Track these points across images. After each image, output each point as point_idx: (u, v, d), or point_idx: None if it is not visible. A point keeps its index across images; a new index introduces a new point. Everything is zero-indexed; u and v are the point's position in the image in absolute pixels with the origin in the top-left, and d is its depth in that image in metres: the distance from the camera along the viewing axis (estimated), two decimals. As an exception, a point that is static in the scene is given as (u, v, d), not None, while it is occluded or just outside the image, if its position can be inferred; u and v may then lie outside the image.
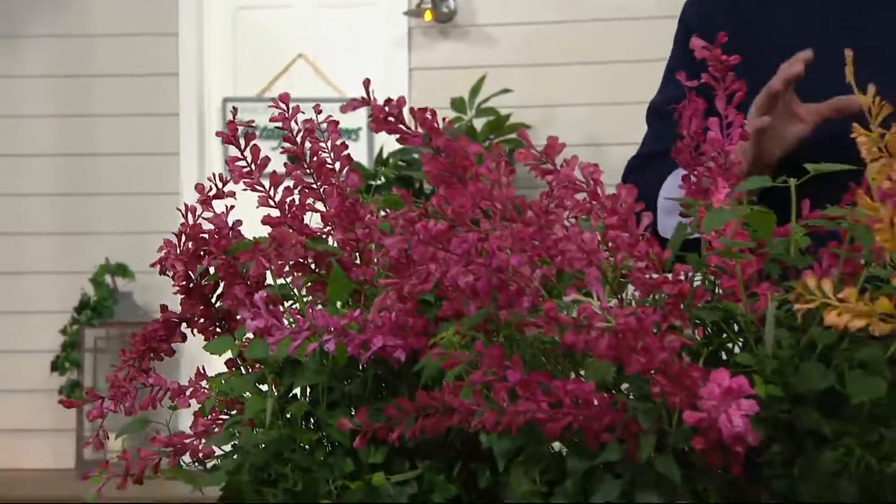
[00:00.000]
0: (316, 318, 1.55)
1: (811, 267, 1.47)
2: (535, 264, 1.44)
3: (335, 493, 1.69)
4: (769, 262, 1.51)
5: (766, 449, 1.41)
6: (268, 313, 1.55)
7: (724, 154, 1.55)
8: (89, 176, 8.79)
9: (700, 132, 1.59)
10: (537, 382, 1.42)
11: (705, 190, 1.58)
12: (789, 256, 1.50)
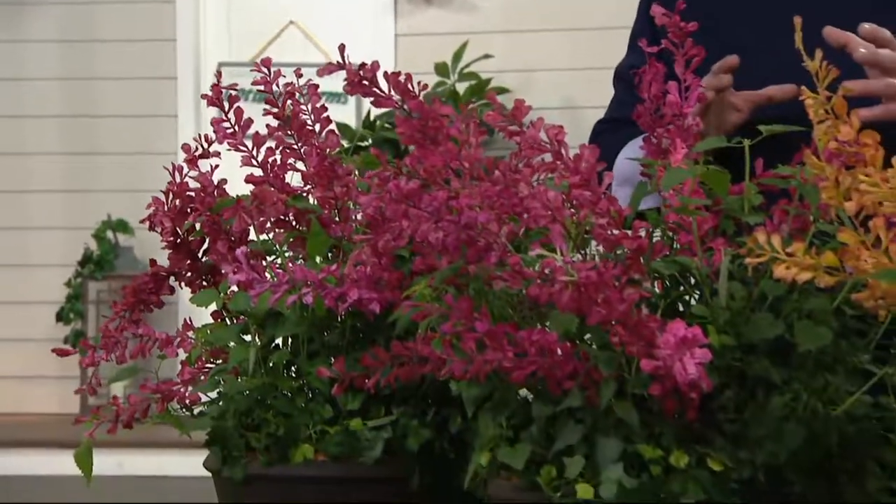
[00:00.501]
0: (295, 272, 1.54)
1: (763, 223, 1.47)
2: (502, 221, 1.44)
3: (315, 437, 1.69)
4: (724, 218, 1.51)
5: (719, 394, 1.41)
6: (249, 268, 1.54)
7: (682, 116, 1.55)
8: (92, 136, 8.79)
9: (660, 95, 1.59)
10: (504, 333, 1.41)
11: (664, 150, 1.57)
12: (743, 213, 1.50)
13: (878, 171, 1.28)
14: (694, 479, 1.40)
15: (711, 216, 1.49)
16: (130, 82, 8.73)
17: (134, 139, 8.49)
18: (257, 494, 1.71)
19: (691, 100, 1.56)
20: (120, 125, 8.69)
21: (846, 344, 1.44)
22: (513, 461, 1.45)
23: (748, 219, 1.49)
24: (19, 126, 8.88)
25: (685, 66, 1.58)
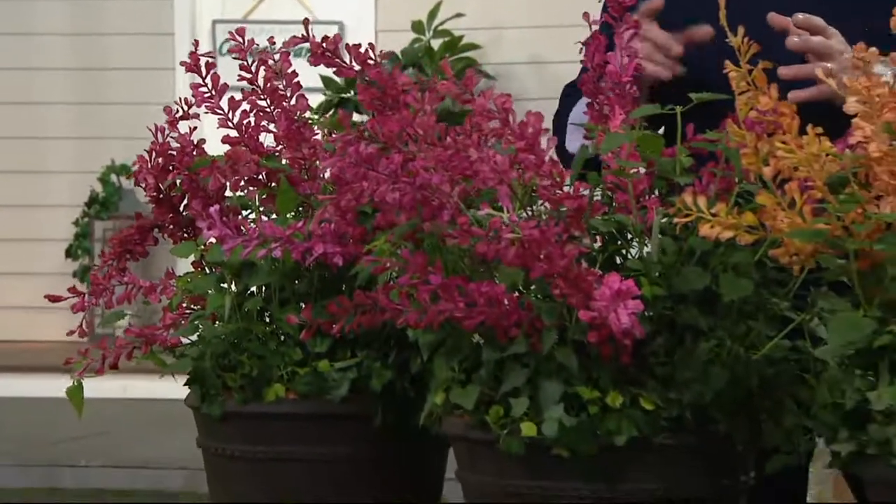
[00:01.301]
0: (264, 228, 1.53)
1: (693, 184, 1.46)
2: (455, 182, 1.43)
3: (286, 377, 1.68)
4: (657, 179, 1.50)
5: (652, 341, 1.41)
6: (222, 224, 1.53)
7: (620, 84, 1.53)
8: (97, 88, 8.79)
9: (602, 65, 1.57)
10: (455, 285, 1.41)
11: (605, 115, 1.56)
12: (675, 174, 1.49)
13: (793, 139, 1.27)
14: (628, 418, 1.41)
15: (646, 177, 1.48)
16: (132, 38, 8.70)
17: (135, 90, 8.45)
18: (233, 429, 1.71)
19: (629, 70, 1.54)
20: (123, 78, 8.67)
21: (767, 294, 1.44)
22: (464, 402, 1.45)
23: (679, 179, 1.48)
24: (31, 78, 8.88)
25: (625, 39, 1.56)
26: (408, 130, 1.44)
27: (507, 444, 1.42)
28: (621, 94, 1.53)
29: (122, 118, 8.46)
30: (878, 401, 1.21)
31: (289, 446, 1.68)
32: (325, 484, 1.68)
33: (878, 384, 1.23)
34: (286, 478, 1.69)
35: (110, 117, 8.68)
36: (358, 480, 1.69)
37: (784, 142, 1.26)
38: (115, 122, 8.56)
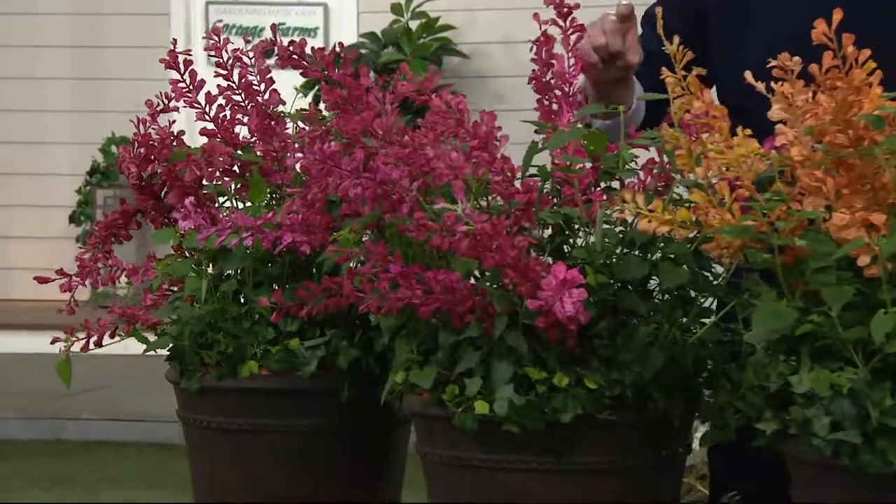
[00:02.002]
0: (236, 218, 1.52)
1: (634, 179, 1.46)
2: (414, 177, 1.42)
3: (259, 355, 1.68)
4: (602, 174, 1.49)
5: (595, 325, 1.41)
6: (196, 215, 1.52)
7: (568, 84, 1.52)
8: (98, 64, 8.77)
9: (550, 64, 1.56)
10: (414, 274, 1.40)
11: (555, 113, 1.55)
12: (618, 170, 1.48)
13: (724, 140, 1.27)
14: (573, 397, 1.40)
15: (591, 172, 1.48)
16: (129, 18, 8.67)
17: (133, 67, 8.41)
18: (210, 403, 1.70)
19: (576, 70, 1.53)
20: (121, 55, 8.65)
21: (702, 281, 1.44)
22: (422, 382, 1.45)
23: (622, 175, 1.48)
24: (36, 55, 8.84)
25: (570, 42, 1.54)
26: (369, 129, 1.43)
27: (461, 421, 1.42)
28: (569, 94, 1.52)
29: (119, 93, 8.43)
30: (799, 385, 1.22)
31: (261, 419, 1.68)
32: (295, 454, 1.68)
33: (800, 369, 1.23)
34: (259, 448, 1.69)
35: (109, 92, 8.66)
36: (326, 451, 1.69)
37: (715, 143, 1.26)
38: (113, 96, 8.53)
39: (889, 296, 1.17)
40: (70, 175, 8.83)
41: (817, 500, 1.25)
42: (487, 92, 7.61)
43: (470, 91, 7.71)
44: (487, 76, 7.76)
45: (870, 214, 1.17)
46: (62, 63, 8.87)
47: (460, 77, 7.79)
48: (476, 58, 7.89)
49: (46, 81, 8.89)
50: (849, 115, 1.19)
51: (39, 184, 8.95)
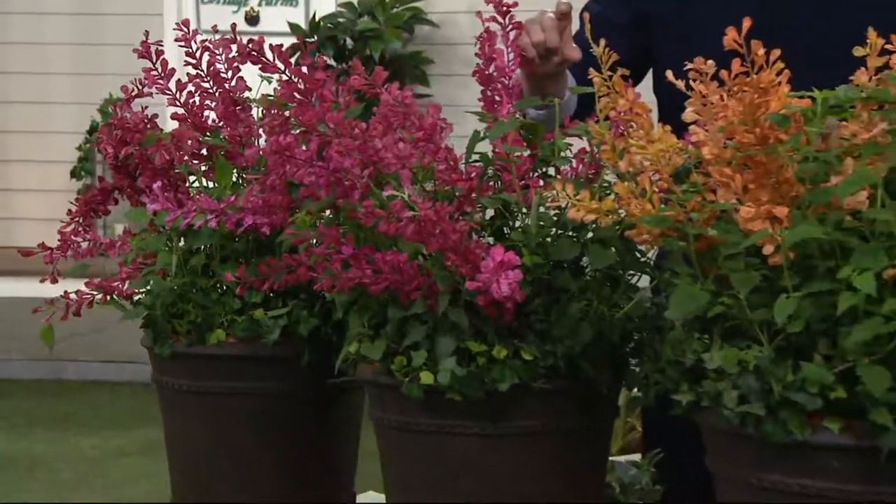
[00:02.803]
0: (201, 202, 1.52)
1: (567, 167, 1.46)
2: (365, 165, 1.41)
3: (226, 324, 1.68)
4: (538, 161, 1.49)
5: (531, 302, 1.41)
6: (164, 199, 1.51)
7: (507, 77, 1.51)
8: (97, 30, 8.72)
9: (492, 58, 1.55)
10: (364, 255, 1.40)
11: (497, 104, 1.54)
12: (553, 157, 1.48)
13: (646, 136, 1.27)
14: (510, 367, 1.41)
15: (528, 159, 1.47)
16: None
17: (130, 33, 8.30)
18: (181, 367, 1.70)
19: (514, 65, 1.52)
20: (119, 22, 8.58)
21: (629, 260, 1.44)
22: (372, 353, 1.45)
23: (557, 162, 1.48)
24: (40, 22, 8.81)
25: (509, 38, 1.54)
26: (322, 122, 1.42)
27: (408, 390, 1.42)
28: (508, 87, 1.51)
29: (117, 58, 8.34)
30: (710, 361, 1.22)
31: (228, 382, 1.68)
32: (259, 415, 1.69)
33: (712, 347, 1.23)
34: (226, 409, 1.69)
35: (107, 56, 8.60)
36: (288, 412, 1.70)
37: (637, 139, 1.26)
38: (111, 60, 8.47)
39: (790, 282, 1.18)
40: (71, 133, 8.82)
41: (727, 466, 1.26)
42: (456, 58, 7.57)
43: (439, 57, 7.68)
44: (456, 43, 7.70)
45: (774, 208, 1.17)
46: (64, 29, 8.83)
47: (431, 44, 7.74)
48: (445, 26, 7.84)
49: (49, 46, 8.85)
50: (756, 114, 1.20)
51: (43, 141, 8.94)
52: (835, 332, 1.17)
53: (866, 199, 1.18)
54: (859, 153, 1.19)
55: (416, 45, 7.71)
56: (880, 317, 1.14)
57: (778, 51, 1.22)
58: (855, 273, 1.14)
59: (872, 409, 1.15)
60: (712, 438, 1.27)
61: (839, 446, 1.17)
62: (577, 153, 1.47)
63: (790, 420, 1.18)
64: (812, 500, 1.19)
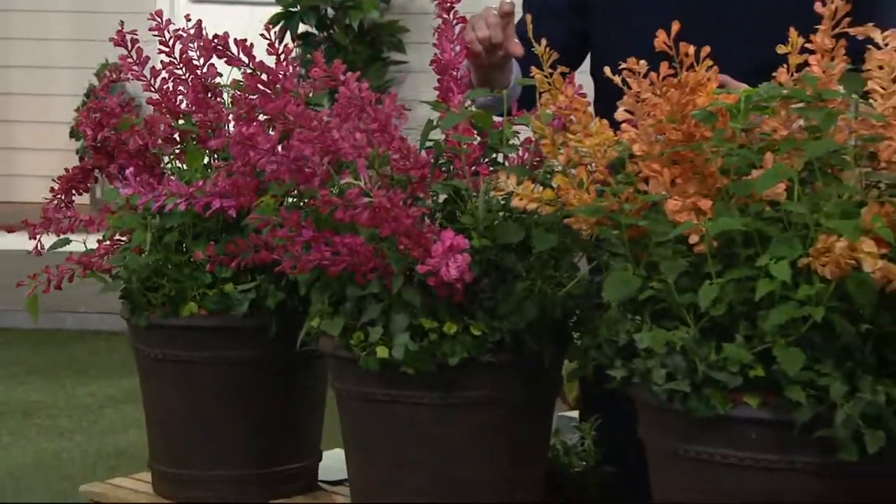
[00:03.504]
0: (171, 185, 1.52)
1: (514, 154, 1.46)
2: (324, 153, 1.41)
3: (198, 297, 1.68)
4: (487, 149, 1.49)
5: (480, 281, 1.42)
6: (136, 183, 1.51)
7: (455, 69, 1.51)
8: (96, 0, 8.68)
9: (449, 50, 1.54)
10: (324, 238, 1.40)
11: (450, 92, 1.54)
12: (501, 145, 1.48)
13: (583, 130, 1.27)
14: (460, 343, 1.42)
15: (478, 148, 1.48)
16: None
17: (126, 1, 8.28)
18: (157, 337, 1.71)
19: (460, 58, 1.51)
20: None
21: (571, 241, 1.44)
22: (331, 329, 1.46)
23: (505, 150, 1.48)
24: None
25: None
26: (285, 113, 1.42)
27: (365, 363, 1.44)
28: (458, 79, 1.51)
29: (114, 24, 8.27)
30: (641, 341, 1.23)
31: (200, 352, 1.69)
32: (229, 381, 1.70)
33: (642, 328, 1.25)
34: (198, 376, 1.70)
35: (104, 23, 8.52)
36: (257, 379, 1.71)
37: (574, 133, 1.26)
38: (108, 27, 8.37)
39: (714, 269, 1.19)
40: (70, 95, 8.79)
41: (657, 436, 1.28)
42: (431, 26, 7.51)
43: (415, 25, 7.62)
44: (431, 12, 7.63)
45: (699, 200, 1.18)
46: (64, -2, 8.81)
47: (407, 13, 7.69)
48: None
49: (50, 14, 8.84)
50: (684, 112, 1.20)
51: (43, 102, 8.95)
52: (754, 316, 1.18)
53: (784, 191, 1.19)
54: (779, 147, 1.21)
55: (393, 15, 7.65)
56: (795, 302, 1.16)
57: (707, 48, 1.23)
58: (772, 261, 1.16)
59: (787, 387, 1.17)
60: (643, 411, 1.29)
61: (757, 420, 1.19)
62: (523, 142, 1.47)
63: (713, 396, 1.20)
64: (732, 468, 1.21)
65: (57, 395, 5.14)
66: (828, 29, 1.21)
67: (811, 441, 1.17)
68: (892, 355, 1.18)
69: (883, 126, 1.13)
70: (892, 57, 1.16)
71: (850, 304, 1.15)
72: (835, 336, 1.16)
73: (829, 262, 1.12)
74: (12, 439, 4.54)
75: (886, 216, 1.13)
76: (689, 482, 1.25)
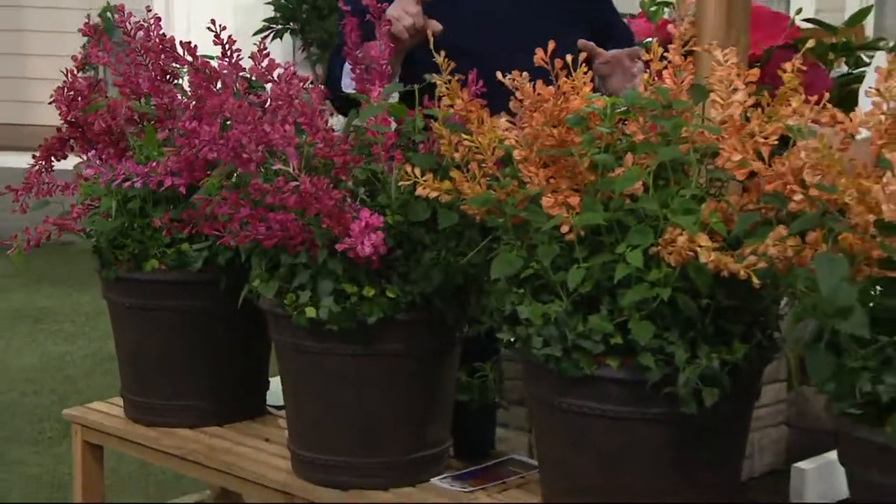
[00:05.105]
0: (127, 166, 1.53)
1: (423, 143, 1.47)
2: (259, 141, 1.42)
3: (159, 255, 1.70)
4: (402, 136, 1.51)
5: (394, 251, 1.45)
6: (97, 165, 1.52)
7: (381, 65, 1.52)
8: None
9: (358, 42, 1.53)
10: (259, 215, 1.42)
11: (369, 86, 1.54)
12: (414, 133, 1.50)
13: (476, 130, 1.29)
14: (377, 304, 1.46)
15: (393, 135, 1.49)
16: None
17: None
18: (124, 288, 1.74)
19: (385, 54, 1.52)
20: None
21: (468, 221, 1.47)
22: (267, 292, 1.49)
23: (416, 138, 1.49)
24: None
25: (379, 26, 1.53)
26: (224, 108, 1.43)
27: (297, 320, 1.47)
28: (381, 72, 1.52)
29: (115, -38, 8.10)
30: (522, 312, 1.28)
31: (162, 301, 1.72)
32: (186, 327, 1.73)
33: (524, 301, 1.29)
34: (160, 322, 1.74)
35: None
36: (209, 325, 1.74)
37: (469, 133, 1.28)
38: (115, -32, 8.21)
39: (581, 254, 1.23)
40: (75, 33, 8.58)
41: (536, 390, 1.33)
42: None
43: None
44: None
45: (569, 197, 1.21)
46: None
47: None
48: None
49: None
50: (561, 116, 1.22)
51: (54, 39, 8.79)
52: (615, 293, 1.23)
53: (641, 187, 1.22)
54: (637, 149, 1.24)
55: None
56: (647, 283, 1.20)
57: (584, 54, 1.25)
58: (628, 249, 1.20)
59: (641, 353, 1.22)
60: (525, 369, 1.33)
61: (617, 379, 1.24)
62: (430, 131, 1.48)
63: (581, 359, 1.25)
64: (598, 417, 1.27)
65: (64, 303, 5.14)
66: (678, 48, 1.23)
67: (660, 396, 1.22)
68: (726, 326, 1.23)
69: (718, 138, 1.16)
70: (729, 72, 1.18)
71: (692, 285, 1.19)
72: (679, 311, 1.20)
73: (674, 251, 1.16)
74: (24, 342, 4.55)
75: (721, 212, 1.17)
76: (563, 428, 1.30)
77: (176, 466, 1.74)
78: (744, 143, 1.14)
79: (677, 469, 1.26)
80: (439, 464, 1.56)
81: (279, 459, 1.63)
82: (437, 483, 1.53)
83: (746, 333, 1.25)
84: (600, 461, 1.27)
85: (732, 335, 1.23)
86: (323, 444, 1.52)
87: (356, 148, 1.47)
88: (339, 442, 1.51)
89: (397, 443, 1.51)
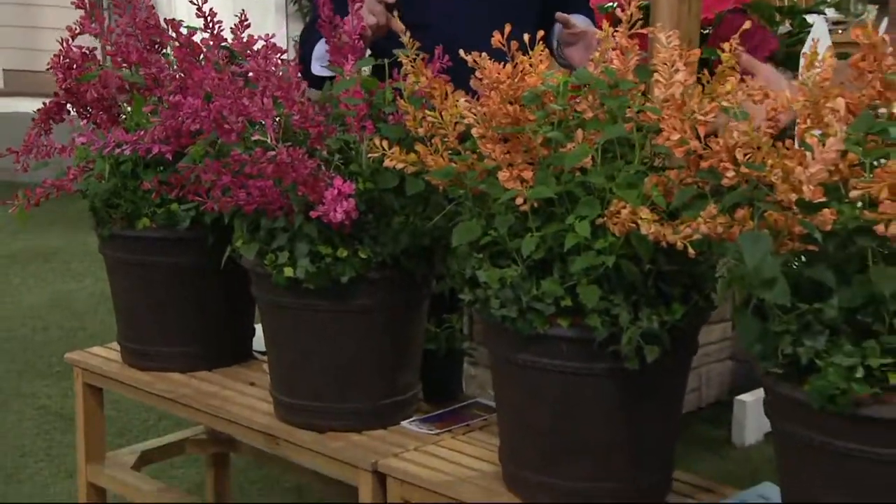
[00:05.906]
0: (116, 135, 1.53)
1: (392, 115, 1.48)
2: (240, 113, 1.43)
3: (150, 214, 1.71)
4: (373, 108, 1.51)
5: (366, 216, 1.47)
6: (89, 133, 1.53)
7: (354, 39, 1.52)
8: None
9: (331, 15, 1.52)
10: (240, 183, 1.44)
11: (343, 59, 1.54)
12: (384, 105, 1.51)
13: (440, 105, 1.30)
14: (350, 264, 1.48)
15: (365, 106, 1.49)
16: None
17: None
18: (118, 244, 1.76)
19: (358, 28, 1.52)
20: None
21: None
22: (248, 253, 1.51)
23: (386, 109, 1.50)
24: None
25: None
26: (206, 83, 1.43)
27: (276, 279, 1.49)
28: (353, 47, 1.52)
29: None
30: (481, 276, 1.30)
31: (153, 257, 1.74)
32: (176, 281, 1.75)
33: (483, 265, 1.31)
34: (152, 276, 1.76)
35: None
36: (197, 279, 1.76)
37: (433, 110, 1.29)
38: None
39: (534, 224, 1.25)
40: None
41: (496, 347, 1.35)
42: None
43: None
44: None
45: (523, 171, 1.23)
46: None
47: None
48: None
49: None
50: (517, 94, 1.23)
51: None
52: (565, 260, 1.25)
53: (590, 161, 1.24)
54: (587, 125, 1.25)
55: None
56: (594, 251, 1.22)
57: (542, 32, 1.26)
58: (577, 220, 1.22)
59: (588, 315, 1.24)
60: (486, 328, 1.36)
61: (567, 338, 1.27)
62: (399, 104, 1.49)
63: (535, 319, 1.27)
64: (549, 372, 1.30)
65: (73, 243, 5.15)
66: (625, 30, 1.24)
67: (606, 353, 1.25)
68: (667, 289, 1.26)
69: (659, 118, 1.17)
70: (671, 54, 1.19)
71: (635, 252, 1.22)
72: (623, 276, 1.23)
73: (619, 222, 1.19)
74: (35, 281, 4.57)
75: (662, 185, 1.19)
76: (519, 381, 1.33)
77: (169, 408, 1.77)
78: (683, 121, 1.16)
79: (621, 417, 1.30)
80: (409, 408, 1.60)
81: (262, 403, 1.67)
82: (406, 425, 1.57)
83: (685, 295, 1.27)
84: (552, 411, 1.31)
85: (672, 297, 1.26)
86: (302, 391, 1.56)
87: (330, 118, 1.48)
88: (317, 388, 1.54)
89: (370, 389, 1.55)
